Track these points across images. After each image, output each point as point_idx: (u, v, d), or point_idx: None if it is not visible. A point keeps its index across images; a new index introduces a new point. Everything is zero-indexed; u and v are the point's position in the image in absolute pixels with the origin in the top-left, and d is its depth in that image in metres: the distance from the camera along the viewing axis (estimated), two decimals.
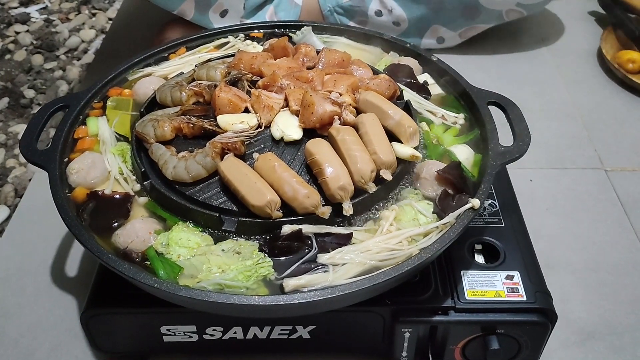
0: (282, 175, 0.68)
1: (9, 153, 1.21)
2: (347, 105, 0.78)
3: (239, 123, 0.76)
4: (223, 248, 0.67)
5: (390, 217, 0.69)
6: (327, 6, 1.32)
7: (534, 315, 0.71)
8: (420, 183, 0.74)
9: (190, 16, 1.18)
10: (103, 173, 0.76)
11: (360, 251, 0.66)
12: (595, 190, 1.07)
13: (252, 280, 0.64)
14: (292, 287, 0.63)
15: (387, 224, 0.68)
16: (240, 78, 0.84)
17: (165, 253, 0.67)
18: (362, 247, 0.66)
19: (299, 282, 0.63)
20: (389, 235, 0.67)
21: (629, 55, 1.29)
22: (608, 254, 0.96)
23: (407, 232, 0.68)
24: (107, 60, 1.37)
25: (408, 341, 0.73)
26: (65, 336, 0.85)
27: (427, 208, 0.71)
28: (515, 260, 0.75)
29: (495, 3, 1.26)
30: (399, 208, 0.71)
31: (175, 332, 0.74)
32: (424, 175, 0.74)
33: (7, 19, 1.59)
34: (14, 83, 1.38)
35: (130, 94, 0.89)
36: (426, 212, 0.70)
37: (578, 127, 1.20)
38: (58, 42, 1.52)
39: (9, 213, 1.07)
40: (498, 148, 0.75)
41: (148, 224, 0.70)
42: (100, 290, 0.74)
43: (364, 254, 0.65)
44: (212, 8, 1.19)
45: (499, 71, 1.34)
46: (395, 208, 0.71)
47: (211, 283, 0.63)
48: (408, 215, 0.70)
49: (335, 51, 0.89)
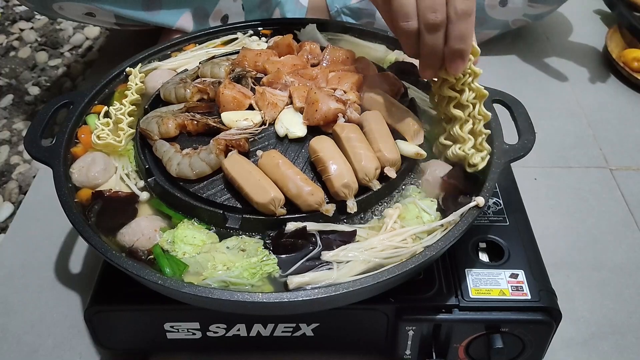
0: (286, 172, 0.68)
1: (14, 150, 1.21)
2: (352, 102, 0.78)
3: (243, 120, 0.76)
4: (228, 245, 0.67)
5: (394, 214, 0.69)
6: (335, 7, 1.32)
7: (539, 314, 0.70)
8: (423, 183, 0.73)
9: (190, 30, 1.16)
10: (105, 170, 0.76)
11: (365, 249, 0.66)
12: (599, 189, 1.07)
13: (257, 277, 0.64)
14: (296, 285, 0.63)
15: (391, 222, 0.68)
16: (244, 75, 0.84)
17: (171, 250, 0.67)
18: (366, 244, 0.66)
19: (302, 280, 0.63)
20: (393, 233, 0.67)
21: (635, 53, 1.29)
22: (612, 253, 0.95)
23: (411, 229, 0.67)
24: (112, 57, 1.37)
25: (412, 339, 0.73)
26: (68, 333, 0.85)
27: (430, 206, 0.70)
28: (520, 259, 0.75)
29: (502, 14, 1.27)
30: (402, 206, 0.71)
31: (178, 329, 0.74)
32: (427, 176, 0.73)
33: (12, 16, 1.59)
34: (18, 80, 1.39)
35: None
36: (430, 210, 0.70)
37: (583, 126, 1.20)
38: (62, 39, 1.52)
39: (13, 210, 1.07)
40: (503, 146, 0.75)
41: (153, 222, 0.70)
42: (104, 287, 0.74)
43: (368, 252, 0.65)
44: (210, 17, 1.18)
45: (503, 69, 1.34)
46: (399, 206, 0.70)
47: (216, 280, 0.63)
48: (412, 213, 0.70)
49: (340, 49, 0.88)
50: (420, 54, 0.68)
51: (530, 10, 1.27)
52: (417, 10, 0.65)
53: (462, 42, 0.65)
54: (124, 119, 0.82)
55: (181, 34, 1.05)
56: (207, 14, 1.18)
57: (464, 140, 0.72)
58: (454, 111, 0.72)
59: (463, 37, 0.64)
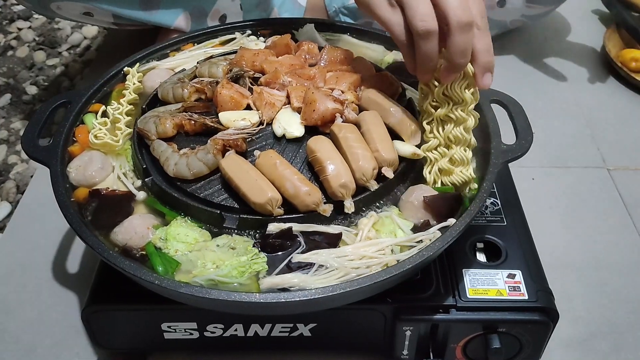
0: (283, 172, 0.68)
1: (11, 149, 1.21)
2: (349, 102, 0.78)
3: (240, 120, 0.76)
4: (218, 244, 0.67)
5: (369, 223, 0.68)
6: (333, 7, 1.32)
7: (536, 314, 0.70)
8: (405, 204, 0.71)
9: (188, 29, 1.16)
10: (102, 169, 0.76)
11: (337, 255, 0.64)
12: (597, 189, 1.07)
13: (245, 276, 0.64)
14: (267, 286, 0.62)
15: (366, 230, 0.67)
16: (242, 75, 0.83)
17: (164, 248, 0.67)
18: (338, 251, 0.65)
19: (272, 281, 0.63)
20: (368, 243, 0.66)
21: (633, 53, 1.29)
22: (610, 253, 0.95)
23: (386, 241, 0.66)
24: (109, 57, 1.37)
25: (409, 339, 0.73)
26: (66, 333, 0.85)
27: (407, 224, 0.69)
28: (517, 259, 0.75)
29: (500, 14, 1.28)
30: (379, 219, 0.69)
31: (176, 329, 0.74)
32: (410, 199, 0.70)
33: (10, 15, 1.58)
34: (16, 79, 1.38)
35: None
36: (405, 228, 0.68)
37: (581, 126, 1.20)
38: (60, 38, 1.52)
39: (11, 209, 1.07)
40: (500, 146, 0.75)
41: (146, 220, 0.70)
42: (102, 286, 0.74)
43: (340, 259, 0.64)
44: (209, 16, 1.18)
45: (501, 69, 1.32)
46: (374, 214, 0.70)
47: (205, 279, 0.63)
48: (387, 227, 0.68)
49: (338, 49, 0.88)
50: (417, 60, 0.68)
51: (528, 10, 1.27)
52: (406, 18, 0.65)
53: (462, 56, 0.63)
54: (122, 119, 0.82)
55: (179, 34, 1.05)
56: (205, 13, 1.18)
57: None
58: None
59: (464, 52, 0.63)
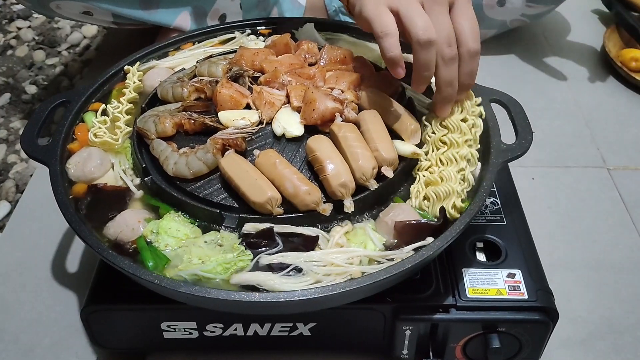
0: (283, 172, 0.68)
1: (11, 149, 1.20)
2: (349, 102, 0.78)
3: (240, 119, 0.76)
4: (206, 240, 0.67)
5: (341, 231, 0.67)
6: (333, 6, 1.32)
7: (536, 314, 0.70)
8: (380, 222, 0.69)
9: (188, 28, 1.16)
10: (101, 165, 0.76)
11: (304, 260, 0.64)
12: (597, 189, 1.07)
13: (229, 272, 0.64)
14: (237, 282, 0.63)
15: (337, 236, 0.67)
16: (241, 74, 0.83)
17: (154, 241, 0.67)
18: (306, 255, 0.65)
19: (242, 277, 0.63)
20: (338, 250, 0.65)
21: (632, 53, 1.29)
22: (610, 253, 0.95)
23: (358, 251, 0.65)
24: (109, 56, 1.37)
25: (409, 339, 0.73)
26: (65, 332, 0.85)
27: (379, 239, 0.68)
28: (517, 259, 0.75)
29: (500, 13, 1.28)
30: (353, 229, 0.69)
31: (175, 329, 0.74)
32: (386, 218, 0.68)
33: (9, 14, 1.58)
34: (15, 79, 1.38)
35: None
36: (377, 243, 0.67)
37: (580, 126, 1.20)
38: (60, 38, 1.51)
39: (10, 209, 1.07)
40: (500, 146, 0.75)
41: (138, 214, 0.70)
42: (101, 286, 0.74)
43: (307, 263, 0.64)
44: (208, 16, 1.18)
45: (501, 69, 1.34)
46: (349, 223, 0.69)
47: (189, 273, 0.63)
48: (359, 238, 0.68)
49: (338, 48, 0.88)
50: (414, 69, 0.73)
51: (528, 10, 1.27)
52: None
53: (470, 78, 0.75)
54: (122, 117, 0.81)
55: (179, 33, 1.05)
56: (205, 12, 1.18)
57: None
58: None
59: (472, 74, 0.75)
